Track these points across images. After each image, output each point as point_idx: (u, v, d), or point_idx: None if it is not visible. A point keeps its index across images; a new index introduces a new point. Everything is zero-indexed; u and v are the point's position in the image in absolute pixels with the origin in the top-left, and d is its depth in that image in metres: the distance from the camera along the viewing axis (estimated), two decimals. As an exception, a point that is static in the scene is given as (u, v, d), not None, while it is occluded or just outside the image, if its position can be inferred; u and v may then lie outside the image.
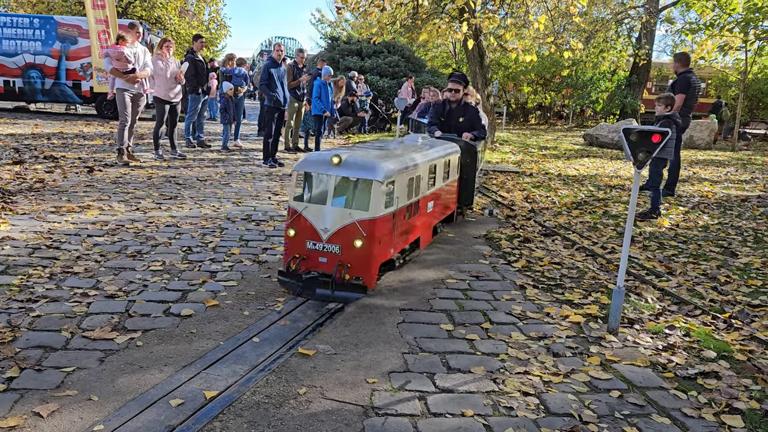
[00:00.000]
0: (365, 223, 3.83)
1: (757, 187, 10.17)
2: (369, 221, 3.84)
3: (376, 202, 3.86)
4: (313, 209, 3.97)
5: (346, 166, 3.92)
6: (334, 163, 3.91)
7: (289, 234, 4.03)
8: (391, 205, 4.06)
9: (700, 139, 17.87)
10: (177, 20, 28.21)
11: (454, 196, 6.28)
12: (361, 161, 3.98)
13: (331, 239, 3.92)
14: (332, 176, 3.96)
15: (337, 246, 3.92)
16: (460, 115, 7.03)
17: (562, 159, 13.61)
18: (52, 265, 4.36)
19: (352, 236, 3.85)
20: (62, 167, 8.50)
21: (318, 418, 2.61)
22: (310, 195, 4.10)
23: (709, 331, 3.79)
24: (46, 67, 16.51)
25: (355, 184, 4.01)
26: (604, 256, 5.49)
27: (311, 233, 3.97)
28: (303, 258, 4.00)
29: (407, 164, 4.37)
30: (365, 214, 3.84)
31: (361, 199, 3.93)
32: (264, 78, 9.84)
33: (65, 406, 2.59)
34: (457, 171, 6.18)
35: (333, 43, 22.23)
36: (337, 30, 37.38)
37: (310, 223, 3.97)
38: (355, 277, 3.92)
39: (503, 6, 13.50)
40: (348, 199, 4.00)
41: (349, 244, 3.86)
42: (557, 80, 25.67)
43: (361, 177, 3.90)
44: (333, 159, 3.91)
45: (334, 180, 3.97)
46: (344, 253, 3.91)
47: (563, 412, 2.77)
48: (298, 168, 4.09)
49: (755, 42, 16.79)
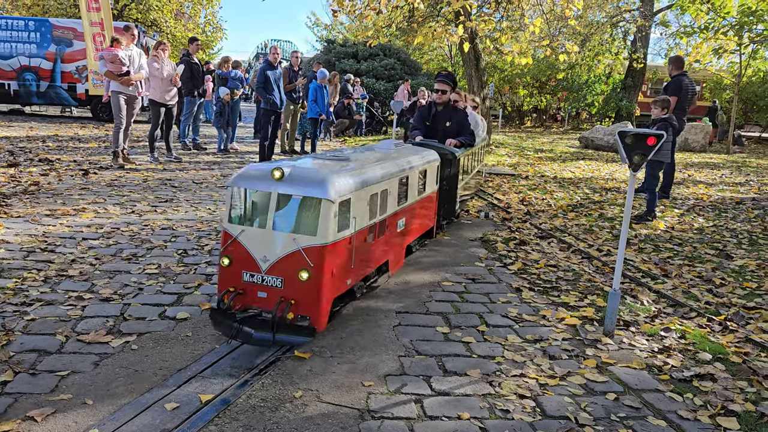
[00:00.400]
0: (313, 251, 3.19)
1: (751, 189, 10.21)
2: (318, 249, 3.19)
3: (326, 225, 3.21)
4: (250, 234, 3.33)
5: (290, 181, 3.28)
6: (275, 177, 3.27)
7: (223, 263, 3.38)
8: (347, 228, 3.41)
9: (695, 141, 17.94)
10: (173, 23, 28.20)
11: (433, 210, 5.62)
12: (309, 175, 3.35)
13: (272, 270, 3.27)
14: (273, 194, 3.30)
15: (279, 278, 3.27)
16: (447, 119, 6.44)
17: (558, 162, 13.64)
18: (46, 269, 4.35)
19: (297, 267, 3.21)
20: (57, 170, 8.47)
21: (314, 422, 2.61)
22: (247, 216, 3.44)
23: (704, 334, 3.80)
24: (41, 69, 16.46)
25: (301, 204, 3.32)
26: (600, 258, 5.50)
27: (248, 263, 3.31)
28: (239, 292, 3.33)
29: (369, 178, 3.75)
30: (313, 239, 3.20)
31: (307, 221, 3.27)
32: (260, 81, 9.85)
33: (60, 411, 2.57)
34: (436, 182, 5.50)
35: (329, 45, 22.26)
36: (332, 33, 37.41)
37: (247, 250, 3.32)
38: (300, 315, 3.26)
39: (499, 9, 13.53)
40: (292, 221, 3.33)
41: (294, 276, 3.22)
42: (553, 83, 25.75)
43: (307, 195, 3.25)
44: (274, 173, 3.27)
45: (276, 198, 3.30)
46: (288, 286, 3.25)
47: (559, 415, 2.77)
48: (234, 183, 3.42)
49: (749, 45, 16.89)
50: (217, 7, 31.82)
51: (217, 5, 31.68)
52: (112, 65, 8.74)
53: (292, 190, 3.28)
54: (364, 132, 17.69)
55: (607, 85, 25.43)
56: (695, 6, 16.34)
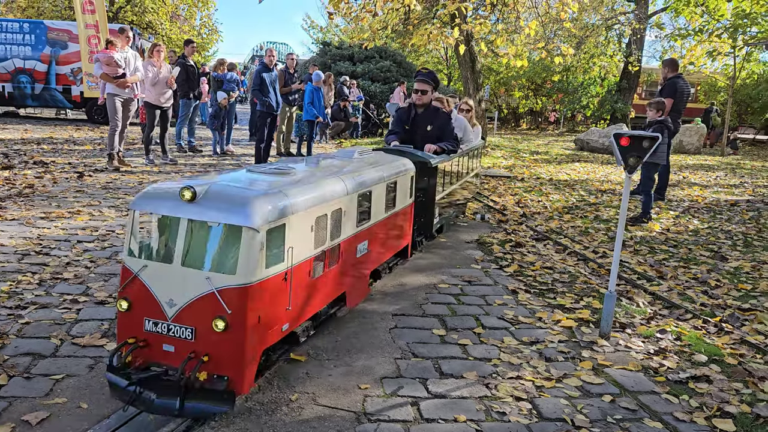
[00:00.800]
0: (232, 294, 2.50)
1: (746, 191, 10.26)
2: (237, 291, 2.51)
3: (248, 260, 2.52)
4: (154, 270, 2.62)
5: (204, 203, 2.58)
6: (185, 198, 2.56)
7: (121, 307, 2.66)
8: (281, 262, 2.72)
9: (690, 143, 18.02)
10: (168, 25, 28.18)
11: (407, 227, 4.88)
12: (229, 196, 2.66)
13: (181, 317, 2.56)
14: (183, 220, 2.60)
15: (189, 328, 2.56)
16: (428, 122, 5.82)
17: (554, 164, 13.67)
18: (41, 272, 4.33)
19: (212, 313, 2.51)
20: (52, 172, 8.44)
21: (310, 425, 2.60)
22: (151, 248, 2.71)
23: (700, 335, 3.81)
24: (36, 71, 16.40)
25: (217, 233, 2.61)
26: (596, 260, 5.51)
27: (151, 307, 2.61)
28: (140, 344, 2.62)
29: (315, 196, 3.05)
30: (231, 279, 2.51)
31: (225, 255, 2.58)
32: (256, 83, 9.84)
33: (55, 414, 2.56)
34: (410, 194, 4.77)
35: (325, 48, 22.26)
36: (328, 35, 37.44)
37: (149, 291, 2.61)
38: (217, 375, 2.55)
39: (494, 11, 13.57)
40: (207, 255, 2.61)
41: (208, 325, 2.51)
42: (548, 85, 25.84)
43: (225, 221, 2.56)
44: (184, 192, 2.55)
45: (186, 226, 2.60)
46: (201, 339, 2.55)
47: (556, 417, 2.77)
48: (135, 206, 2.73)
49: (743, 48, 16.99)
50: (212, 9, 31.82)
51: (213, 7, 31.66)
52: (107, 67, 8.73)
53: (207, 214, 2.57)
54: (360, 134, 17.70)
55: (602, 88, 25.53)
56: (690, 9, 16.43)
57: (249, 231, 2.52)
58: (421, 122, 5.84)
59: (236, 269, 2.53)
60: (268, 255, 2.62)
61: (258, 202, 2.60)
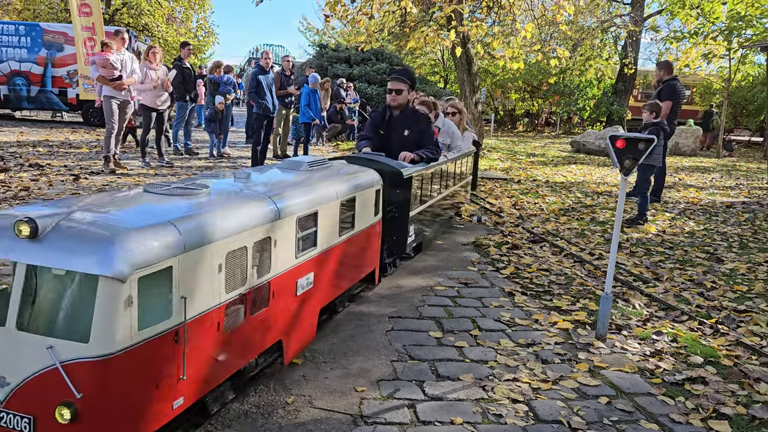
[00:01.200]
0: (83, 370, 1.84)
1: (741, 193, 10.29)
2: (91, 365, 1.84)
3: (108, 321, 1.85)
4: None
5: (50, 241, 1.89)
6: (22, 234, 1.87)
7: None
8: (166, 318, 2.05)
9: (686, 145, 18.08)
10: (164, 27, 28.16)
11: (373, 249, 4.25)
12: (85, 231, 1.93)
13: (14, 402, 1.92)
14: (20, 265, 1.94)
15: (26, 417, 1.91)
16: (405, 126, 5.14)
17: (550, 166, 13.70)
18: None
19: (55, 398, 1.85)
20: (48, 175, 8.42)
21: (306, 428, 2.60)
22: None
23: (695, 337, 3.82)
24: (32, 74, 16.38)
25: (64, 284, 1.98)
26: (592, 262, 5.52)
27: None
28: None
29: (222, 226, 2.32)
30: (82, 349, 1.85)
31: (75, 315, 1.94)
32: (252, 85, 9.84)
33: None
34: (376, 210, 4.18)
35: (321, 50, 22.29)
36: (325, 38, 37.48)
37: None
38: None
39: (491, 14, 13.60)
40: (50, 315, 1.97)
41: (50, 412, 1.86)
42: (545, 88, 25.90)
43: (72, 268, 1.89)
44: (20, 227, 1.86)
45: (24, 273, 1.95)
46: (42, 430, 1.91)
47: (552, 419, 2.77)
48: None
49: (738, 50, 17.05)
50: (209, 11, 31.83)
51: (209, 10, 31.68)
52: (103, 70, 8.72)
53: (51, 258, 1.87)
54: (356, 136, 17.72)
55: (598, 90, 25.60)
56: (685, 11, 16.51)
57: (107, 281, 1.82)
58: (397, 126, 5.17)
59: (89, 335, 1.83)
60: (144, 312, 1.94)
61: (125, 240, 1.89)
